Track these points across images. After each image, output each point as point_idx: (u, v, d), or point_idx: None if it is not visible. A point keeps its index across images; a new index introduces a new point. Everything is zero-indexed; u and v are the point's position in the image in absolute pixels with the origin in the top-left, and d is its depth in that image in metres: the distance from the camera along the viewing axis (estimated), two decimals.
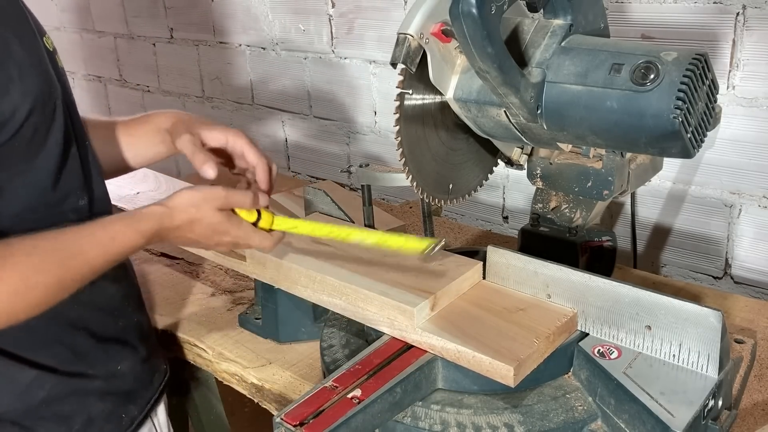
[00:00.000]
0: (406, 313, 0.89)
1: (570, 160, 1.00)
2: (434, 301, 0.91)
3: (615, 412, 0.83)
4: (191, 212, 0.90)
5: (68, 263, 0.81)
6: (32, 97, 0.85)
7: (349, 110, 1.92)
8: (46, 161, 0.89)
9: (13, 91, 0.83)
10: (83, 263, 0.83)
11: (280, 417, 0.80)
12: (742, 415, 0.92)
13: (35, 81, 0.86)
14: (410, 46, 0.85)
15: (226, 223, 0.91)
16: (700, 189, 1.37)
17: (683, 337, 0.84)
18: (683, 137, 0.77)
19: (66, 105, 0.93)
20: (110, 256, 0.85)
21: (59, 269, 0.81)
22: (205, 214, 0.90)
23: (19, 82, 0.83)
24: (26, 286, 0.78)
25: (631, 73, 0.78)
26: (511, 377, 0.81)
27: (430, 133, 0.94)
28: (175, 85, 2.45)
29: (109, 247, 0.85)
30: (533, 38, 0.86)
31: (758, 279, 1.35)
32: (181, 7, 2.28)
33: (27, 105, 0.84)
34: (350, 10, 1.81)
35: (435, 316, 0.91)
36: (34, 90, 0.85)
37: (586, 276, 0.89)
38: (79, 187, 0.95)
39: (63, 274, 0.81)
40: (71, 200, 0.93)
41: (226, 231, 0.91)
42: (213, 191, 0.91)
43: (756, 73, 1.25)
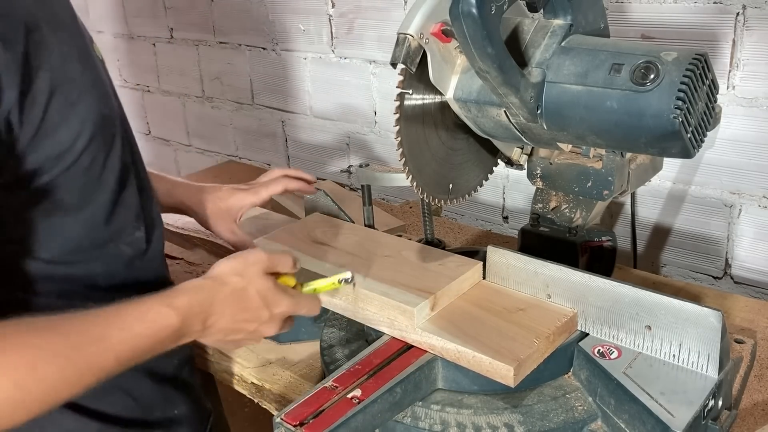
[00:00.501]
0: (406, 313, 0.89)
1: (570, 160, 1.00)
2: (434, 301, 0.91)
3: (615, 412, 0.83)
4: (236, 281, 0.78)
5: (87, 349, 0.66)
6: (92, 123, 0.76)
7: (349, 110, 1.92)
8: (102, 194, 0.80)
9: (73, 118, 0.73)
10: (106, 350, 0.67)
11: (280, 417, 0.80)
12: (742, 415, 0.92)
13: (95, 103, 0.77)
14: (410, 46, 0.85)
15: (275, 289, 0.80)
16: (700, 189, 1.37)
17: (683, 337, 0.84)
18: (683, 137, 0.77)
19: (123, 126, 0.85)
20: (139, 341, 0.70)
21: (76, 356, 0.65)
22: (251, 281, 0.79)
23: (79, 107, 0.74)
24: (34, 378, 0.62)
25: (631, 73, 0.78)
26: (511, 377, 0.81)
27: (430, 133, 0.94)
28: (175, 85, 2.45)
29: (137, 328, 0.70)
30: (533, 38, 0.86)
31: (758, 279, 1.35)
32: (181, 7, 2.28)
33: (87, 132, 0.75)
34: (350, 10, 1.81)
35: (435, 316, 0.91)
36: (94, 114, 0.76)
37: (586, 276, 0.89)
38: (135, 217, 0.87)
39: (80, 363, 0.65)
40: (127, 233, 0.85)
41: (276, 301, 0.81)
42: (254, 254, 0.81)
43: (756, 73, 1.25)
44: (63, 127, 0.73)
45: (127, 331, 0.69)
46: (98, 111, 0.77)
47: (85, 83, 0.76)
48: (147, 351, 0.71)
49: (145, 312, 0.71)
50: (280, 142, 2.17)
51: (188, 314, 0.74)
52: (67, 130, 0.73)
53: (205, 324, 0.76)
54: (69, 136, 0.73)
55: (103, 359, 0.67)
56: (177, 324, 0.73)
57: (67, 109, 0.73)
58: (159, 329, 0.71)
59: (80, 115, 0.74)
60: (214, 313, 0.76)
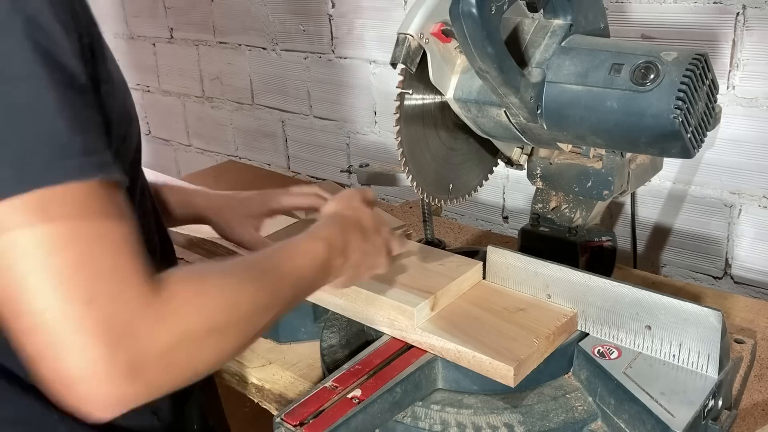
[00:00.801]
0: (406, 313, 0.89)
1: (570, 160, 1.00)
2: (434, 301, 0.91)
3: (615, 412, 0.83)
4: (350, 213, 0.85)
5: (270, 278, 0.69)
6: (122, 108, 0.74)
7: (349, 110, 1.92)
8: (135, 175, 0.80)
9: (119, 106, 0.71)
10: (283, 278, 0.71)
11: (280, 417, 0.80)
12: (742, 415, 0.92)
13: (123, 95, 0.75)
14: (410, 46, 0.85)
15: (376, 215, 0.87)
16: (700, 189, 1.37)
17: (683, 337, 0.84)
18: (683, 137, 0.77)
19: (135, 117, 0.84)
20: (304, 272, 0.74)
21: (263, 285, 0.68)
22: (358, 210, 0.86)
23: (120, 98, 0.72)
24: (235, 310, 0.64)
25: (631, 73, 0.78)
26: (511, 377, 0.81)
27: (430, 133, 0.94)
28: (175, 85, 2.45)
29: (299, 260, 0.74)
30: (533, 38, 0.86)
31: (758, 279, 1.35)
32: (181, 7, 2.28)
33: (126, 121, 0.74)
34: (350, 10, 1.81)
35: (435, 316, 0.91)
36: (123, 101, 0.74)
37: (586, 276, 0.89)
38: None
39: (267, 291, 0.68)
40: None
41: (381, 225, 0.87)
42: (347, 190, 0.89)
43: (756, 73, 1.25)
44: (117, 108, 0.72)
45: (293, 262, 0.73)
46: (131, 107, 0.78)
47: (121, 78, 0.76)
48: (309, 284, 0.75)
49: (299, 244, 0.75)
50: (280, 142, 2.17)
51: (332, 245, 0.78)
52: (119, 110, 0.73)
53: (344, 254, 0.80)
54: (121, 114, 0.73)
55: (283, 288, 0.70)
56: (326, 255, 0.77)
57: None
58: (314, 260, 0.75)
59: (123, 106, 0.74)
60: (347, 243, 0.81)
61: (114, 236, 0.56)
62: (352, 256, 0.81)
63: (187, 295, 0.59)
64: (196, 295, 0.60)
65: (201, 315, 0.59)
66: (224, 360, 0.65)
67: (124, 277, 0.55)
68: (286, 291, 0.71)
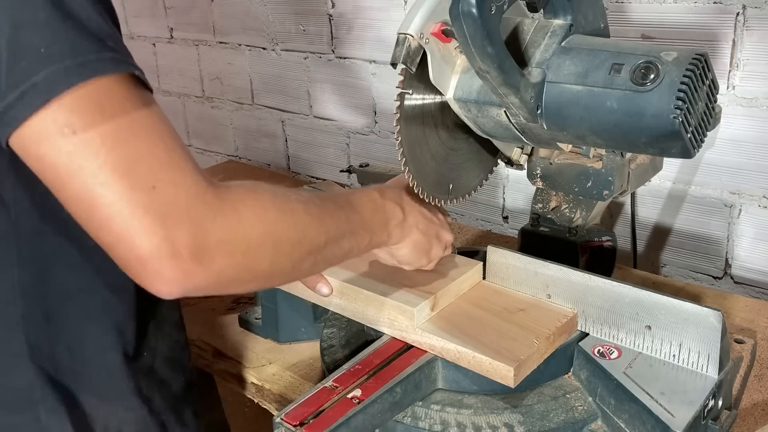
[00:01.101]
0: (406, 313, 0.89)
1: (570, 160, 1.00)
2: (434, 301, 0.91)
3: (615, 412, 0.83)
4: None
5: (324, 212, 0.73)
6: None
7: (349, 110, 1.92)
8: None
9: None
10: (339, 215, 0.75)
11: (280, 417, 0.80)
12: (742, 415, 0.92)
13: None
14: (410, 46, 0.85)
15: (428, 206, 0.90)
16: (700, 189, 1.37)
17: (683, 337, 0.84)
18: (683, 137, 0.77)
19: None
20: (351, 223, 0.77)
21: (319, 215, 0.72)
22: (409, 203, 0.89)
23: None
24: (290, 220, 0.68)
25: (631, 73, 0.78)
26: (511, 378, 0.81)
27: (430, 133, 0.94)
28: (175, 85, 2.45)
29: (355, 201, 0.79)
30: (533, 38, 0.86)
31: (758, 279, 1.35)
32: (181, 7, 2.28)
33: None
34: (350, 10, 1.81)
35: (435, 316, 0.91)
36: None
37: (586, 276, 0.89)
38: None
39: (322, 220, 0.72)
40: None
41: (432, 216, 0.90)
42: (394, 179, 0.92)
43: (756, 73, 1.25)
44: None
45: (351, 202, 0.78)
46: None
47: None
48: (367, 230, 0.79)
49: (355, 193, 0.82)
50: (280, 142, 2.17)
51: (386, 196, 0.84)
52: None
53: (402, 208, 0.85)
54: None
55: (341, 227, 0.74)
56: (381, 202, 0.83)
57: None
58: (372, 204, 0.82)
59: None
60: (406, 205, 0.86)
61: (162, 129, 0.61)
62: (411, 215, 0.86)
63: (245, 198, 0.64)
64: (254, 201, 0.64)
65: (257, 218, 0.64)
66: (278, 273, 0.69)
67: (182, 167, 0.60)
68: (344, 228, 0.75)
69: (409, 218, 0.86)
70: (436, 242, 0.90)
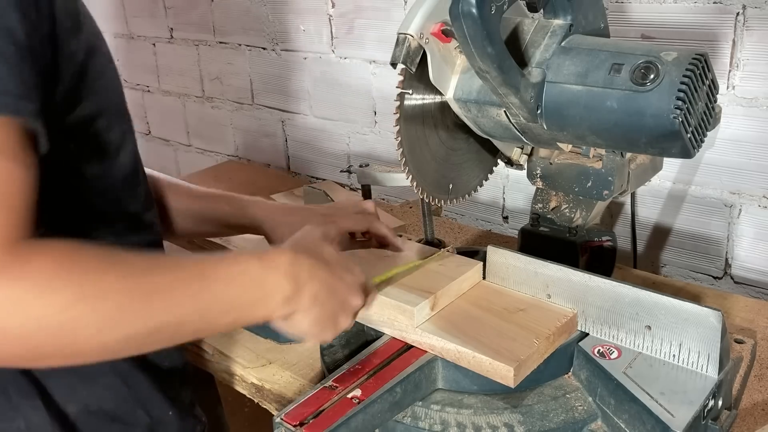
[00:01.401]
0: (406, 312, 0.89)
1: (570, 160, 1.00)
2: (434, 301, 0.91)
3: (615, 412, 0.83)
4: (308, 246, 0.76)
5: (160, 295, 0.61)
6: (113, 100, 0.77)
7: (349, 110, 1.92)
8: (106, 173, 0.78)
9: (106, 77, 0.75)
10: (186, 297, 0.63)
11: (280, 417, 0.80)
12: (742, 415, 0.92)
13: (118, 86, 0.78)
14: (410, 46, 0.85)
15: (340, 253, 0.78)
16: (700, 189, 1.37)
17: (683, 337, 0.84)
18: (683, 137, 0.77)
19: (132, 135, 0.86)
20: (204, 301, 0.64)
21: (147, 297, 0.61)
22: (318, 245, 0.77)
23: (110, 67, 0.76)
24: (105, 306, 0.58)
25: (631, 73, 0.78)
26: (511, 378, 0.81)
27: (430, 133, 0.94)
28: (175, 85, 2.45)
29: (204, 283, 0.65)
30: (533, 38, 0.86)
31: (758, 279, 1.35)
32: (181, 7, 2.28)
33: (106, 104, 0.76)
34: (350, 10, 1.81)
35: (435, 316, 0.91)
36: (119, 82, 0.78)
37: (586, 276, 0.89)
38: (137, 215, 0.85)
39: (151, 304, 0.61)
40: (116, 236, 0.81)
41: (349, 262, 0.78)
42: (306, 227, 0.80)
43: (756, 73, 1.25)
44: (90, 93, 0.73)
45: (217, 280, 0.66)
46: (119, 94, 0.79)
47: (108, 63, 0.77)
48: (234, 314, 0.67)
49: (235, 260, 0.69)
50: (280, 142, 2.17)
51: (286, 272, 0.70)
52: (92, 95, 0.73)
53: (297, 282, 0.71)
54: (91, 105, 0.73)
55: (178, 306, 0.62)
56: (261, 275, 0.69)
57: (98, 71, 0.73)
58: (252, 287, 0.68)
59: (105, 84, 0.75)
60: (302, 272, 0.72)
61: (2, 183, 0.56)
62: (309, 286, 0.72)
63: (42, 271, 0.55)
64: (50, 277, 0.56)
65: (44, 298, 0.55)
66: (76, 356, 0.60)
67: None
68: (188, 308, 0.63)
69: (306, 289, 0.72)
70: (342, 313, 0.77)
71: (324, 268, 0.75)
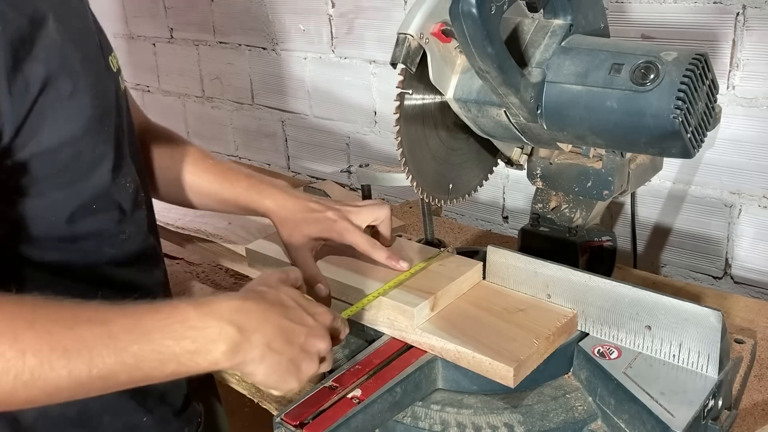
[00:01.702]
0: (406, 313, 0.89)
1: (570, 160, 1.00)
2: (434, 301, 0.91)
3: (615, 412, 0.83)
4: (265, 290, 0.74)
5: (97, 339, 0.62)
6: (81, 124, 0.75)
7: (349, 110, 1.92)
8: (78, 192, 0.78)
9: (60, 114, 0.73)
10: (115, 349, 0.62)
11: (280, 417, 0.80)
12: (742, 415, 0.92)
13: (87, 105, 0.76)
14: (410, 46, 0.85)
15: (305, 296, 0.76)
16: (700, 189, 1.37)
17: (683, 337, 0.84)
18: (683, 137, 0.77)
19: (117, 135, 0.83)
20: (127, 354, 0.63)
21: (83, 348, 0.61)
22: (279, 288, 0.75)
23: (69, 104, 0.73)
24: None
25: (631, 73, 0.78)
26: (510, 378, 0.81)
27: (430, 133, 0.94)
28: (175, 85, 2.45)
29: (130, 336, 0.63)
30: (533, 38, 0.86)
31: (758, 279, 1.35)
32: (181, 7, 2.28)
33: (78, 130, 0.75)
34: (350, 10, 1.81)
35: (435, 316, 0.91)
36: (83, 115, 0.75)
37: (586, 276, 0.89)
38: (119, 221, 0.85)
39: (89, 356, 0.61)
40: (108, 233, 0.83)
41: (313, 305, 0.75)
42: (268, 271, 0.77)
43: (756, 73, 1.25)
44: (51, 123, 0.72)
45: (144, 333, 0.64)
46: (90, 112, 0.76)
47: (83, 80, 0.75)
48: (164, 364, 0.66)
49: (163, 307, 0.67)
50: (280, 142, 2.17)
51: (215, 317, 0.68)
52: (53, 127, 0.72)
53: (242, 330, 0.68)
54: (55, 133, 0.72)
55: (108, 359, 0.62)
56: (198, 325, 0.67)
57: (57, 105, 0.72)
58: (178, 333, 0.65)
59: (66, 114, 0.73)
60: (250, 319, 0.69)
61: None
62: (259, 332, 0.69)
63: None
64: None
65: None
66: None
67: None
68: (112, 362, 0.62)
69: (255, 338, 0.69)
70: (305, 359, 0.74)
71: (279, 313, 0.72)
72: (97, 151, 0.79)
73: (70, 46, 0.74)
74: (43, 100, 0.71)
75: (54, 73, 0.72)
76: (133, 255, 0.88)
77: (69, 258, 0.79)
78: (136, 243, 0.89)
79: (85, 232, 0.81)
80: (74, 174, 0.77)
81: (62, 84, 0.73)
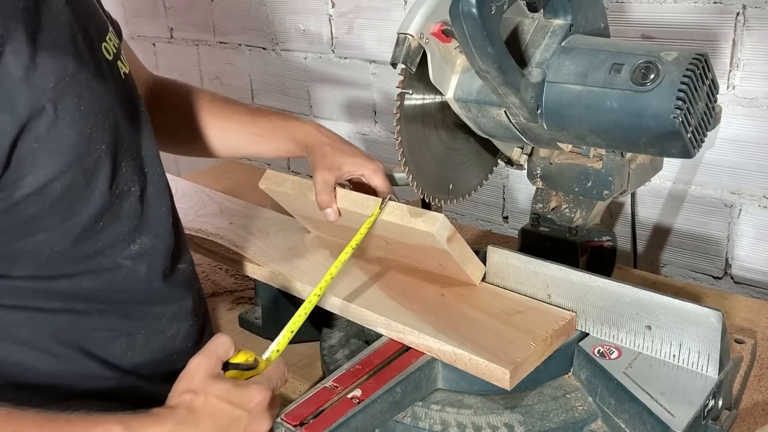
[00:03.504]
0: (428, 221, 0.89)
1: (570, 160, 1.00)
2: (453, 232, 0.90)
3: (615, 412, 0.83)
4: (191, 398, 0.69)
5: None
6: (66, 154, 0.71)
7: (349, 110, 1.92)
8: (79, 218, 0.76)
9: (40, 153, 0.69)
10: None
11: (280, 417, 0.80)
12: (742, 415, 0.92)
13: (71, 135, 0.71)
14: (410, 46, 0.85)
15: (234, 388, 0.70)
16: (700, 189, 1.37)
17: (683, 337, 0.84)
18: (683, 137, 0.77)
19: (114, 140, 0.80)
20: None
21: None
22: (206, 390, 0.70)
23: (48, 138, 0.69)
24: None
25: (631, 73, 0.78)
26: (507, 380, 0.80)
27: (430, 133, 0.94)
28: None
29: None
30: (533, 38, 0.86)
31: (758, 279, 1.35)
32: (181, 7, 2.28)
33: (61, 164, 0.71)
34: (350, 10, 1.81)
35: (432, 316, 0.91)
36: (67, 142, 0.71)
37: (586, 276, 0.89)
38: (132, 230, 0.83)
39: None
40: (119, 247, 0.82)
41: (245, 396, 0.70)
42: (191, 364, 0.71)
43: (756, 73, 1.25)
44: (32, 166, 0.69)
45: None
46: (74, 147, 0.72)
47: (61, 104, 0.70)
48: None
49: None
50: None
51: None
52: (35, 168, 0.69)
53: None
54: (40, 172, 0.70)
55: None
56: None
57: (36, 146, 0.68)
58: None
59: (51, 149, 0.70)
60: (184, 427, 0.67)
61: None
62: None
63: None
64: None
65: None
66: None
67: None
68: None
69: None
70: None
71: (210, 427, 0.69)
72: (89, 172, 0.76)
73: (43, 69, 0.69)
74: (21, 145, 0.68)
75: (21, 115, 0.67)
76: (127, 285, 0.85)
77: (82, 278, 0.79)
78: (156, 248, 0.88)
79: (99, 247, 0.80)
80: (69, 202, 0.75)
81: (35, 122, 0.68)
